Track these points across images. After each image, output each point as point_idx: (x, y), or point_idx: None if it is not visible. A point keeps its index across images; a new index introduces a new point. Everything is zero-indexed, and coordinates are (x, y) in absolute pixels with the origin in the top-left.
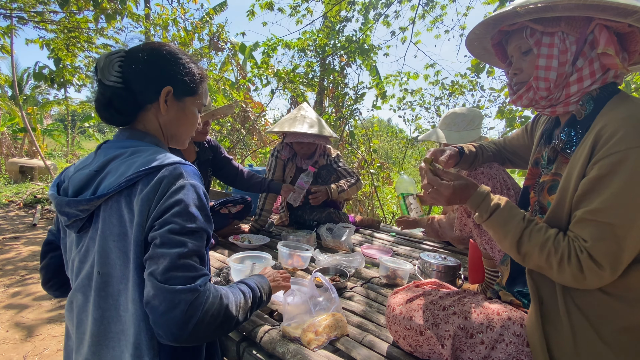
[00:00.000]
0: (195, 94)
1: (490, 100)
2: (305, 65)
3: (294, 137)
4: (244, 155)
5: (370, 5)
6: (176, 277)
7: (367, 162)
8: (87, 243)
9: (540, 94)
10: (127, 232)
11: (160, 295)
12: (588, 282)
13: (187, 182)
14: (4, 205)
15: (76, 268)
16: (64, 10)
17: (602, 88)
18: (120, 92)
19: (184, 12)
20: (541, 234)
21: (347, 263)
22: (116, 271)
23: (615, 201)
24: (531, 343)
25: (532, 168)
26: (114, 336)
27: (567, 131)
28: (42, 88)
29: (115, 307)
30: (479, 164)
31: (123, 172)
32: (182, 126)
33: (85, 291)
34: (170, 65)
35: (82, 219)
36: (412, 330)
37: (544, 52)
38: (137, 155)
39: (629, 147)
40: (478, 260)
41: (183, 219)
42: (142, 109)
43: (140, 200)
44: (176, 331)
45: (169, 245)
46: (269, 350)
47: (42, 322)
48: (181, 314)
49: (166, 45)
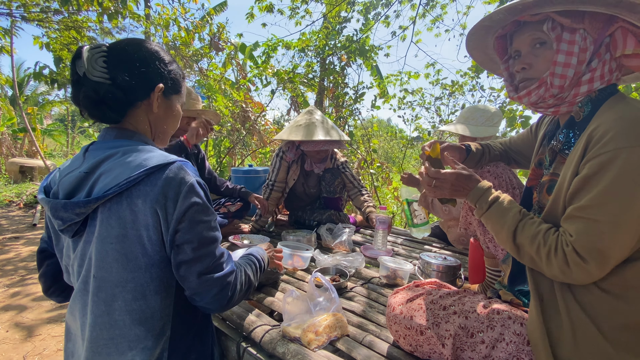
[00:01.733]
0: (179, 92)
1: (490, 100)
2: (305, 65)
3: (314, 145)
4: (244, 155)
5: (371, 5)
6: (218, 266)
7: (367, 162)
8: (83, 247)
9: (552, 92)
10: (127, 234)
11: (208, 284)
12: (575, 276)
13: (193, 180)
14: (5, 205)
15: (76, 272)
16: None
17: (601, 90)
18: (110, 89)
19: (184, 12)
20: (533, 227)
21: (347, 263)
22: (112, 275)
23: (602, 199)
24: (532, 340)
25: (535, 168)
26: (107, 342)
27: (565, 132)
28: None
29: (108, 313)
30: (485, 162)
31: (120, 173)
32: (170, 123)
33: (83, 295)
34: (159, 63)
35: (76, 223)
36: (412, 329)
37: (564, 48)
38: (130, 154)
39: (617, 147)
40: (478, 260)
41: (206, 216)
42: (133, 106)
43: (150, 202)
44: (225, 305)
45: (207, 245)
46: (269, 350)
47: (42, 322)
48: (230, 292)
49: (149, 42)
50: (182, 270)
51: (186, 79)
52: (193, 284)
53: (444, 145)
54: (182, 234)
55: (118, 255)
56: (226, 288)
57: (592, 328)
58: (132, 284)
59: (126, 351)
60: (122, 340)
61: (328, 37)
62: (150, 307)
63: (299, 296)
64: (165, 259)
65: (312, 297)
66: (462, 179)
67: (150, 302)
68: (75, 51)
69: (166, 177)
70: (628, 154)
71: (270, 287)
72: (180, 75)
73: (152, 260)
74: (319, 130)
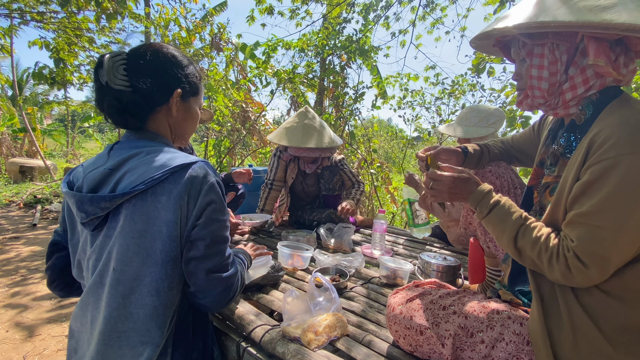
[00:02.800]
0: (197, 94)
1: (491, 100)
2: (306, 65)
3: (298, 151)
4: (243, 155)
5: (371, 7)
6: (225, 266)
7: (367, 162)
8: (102, 241)
9: (537, 101)
10: (149, 230)
11: (214, 282)
12: (577, 281)
13: (214, 179)
14: (4, 205)
15: (92, 267)
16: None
17: (602, 92)
18: (132, 97)
19: (184, 12)
20: (535, 231)
21: (347, 263)
22: (131, 268)
23: (603, 206)
24: (533, 340)
25: (536, 168)
26: (120, 335)
27: (567, 136)
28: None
29: (124, 306)
30: (486, 162)
31: (145, 172)
32: (189, 125)
33: (97, 289)
34: (176, 68)
35: (98, 217)
36: (412, 329)
37: (536, 62)
38: (154, 154)
39: (619, 154)
40: (478, 260)
41: (222, 215)
42: (153, 111)
43: (173, 198)
44: (224, 305)
45: (219, 243)
46: (269, 350)
47: (42, 322)
48: (232, 293)
49: (166, 47)
50: (191, 266)
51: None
52: (200, 280)
53: (437, 150)
54: (198, 230)
55: (139, 250)
56: (229, 288)
57: (593, 329)
58: (149, 279)
59: (137, 345)
60: (134, 334)
61: (328, 37)
62: (162, 303)
63: (299, 296)
64: (180, 256)
65: (312, 297)
66: (460, 182)
67: (162, 298)
68: (97, 60)
69: (189, 176)
70: (631, 161)
71: (270, 287)
72: (198, 77)
73: (168, 256)
74: (306, 135)
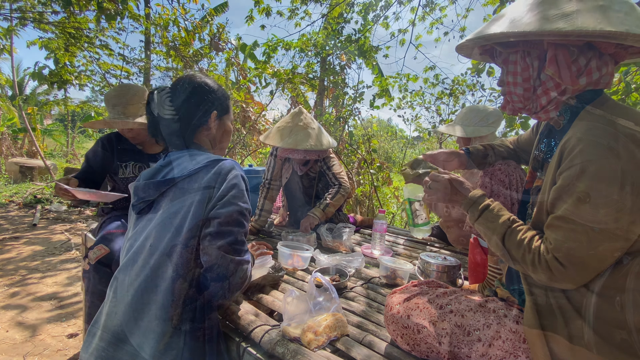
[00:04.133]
0: (228, 112)
1: (491, 100)
2: (306, 65)
3: (284, 152)
4: (243, 155)
5: (370, 7)
6: (238, 250)
7: (367, 162)
8: (144, 224)
9: (517, 105)
10: (181, 210)
11: (226, 261)
12: (560, 282)
13: (239, 173)
14: (4, 205)
15: (128, 245)
16: (65, 11)
17: (579, 96)
18: (179, 123)
19: (184, 12)
20: (520, 234)
21: (347, 263)
22: (163, 244)
23: (575, 210)
24: (529, 338)
25: (531, 171)
26: (144, 307)
27: (547, 142)
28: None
29: (152, 278)
30: (492, 161)
31: (187, 166)
32: (225, 138)
33: (131, 265)
34: (210, 94)
35: (146, 202)
36: (409, 328)
37: (511, 69)
38: (196, 155)
39: (584, 160)
40: (478, 260)
41: (241, 201)
42: (196, 131)
43: (204, 182)
44: (235, 291)
45: (231, 224)
46: (269, 350)
47: (42, 322)
48: (242, 278)
49: (199, 76)
50: (206, 241)
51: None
52: (212, 256)
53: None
54: (217, 209)
55: (171, 227)
56: (240, 271)
57: (587, 328)
58: (176, 256)
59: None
60: (155, 307)
61: (328, 37)
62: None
63: (298, 296)
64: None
65: (312, 297)
66: (456, 184)
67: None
68: (148, 95)
69: (220, 166)
70: (596, 167)
71: (270, 287)
72: (226, 96)
73: (192, 233)
74: (292, 136)
